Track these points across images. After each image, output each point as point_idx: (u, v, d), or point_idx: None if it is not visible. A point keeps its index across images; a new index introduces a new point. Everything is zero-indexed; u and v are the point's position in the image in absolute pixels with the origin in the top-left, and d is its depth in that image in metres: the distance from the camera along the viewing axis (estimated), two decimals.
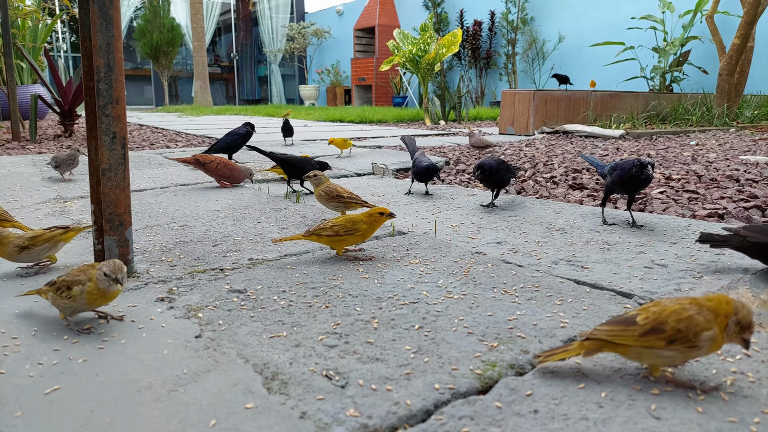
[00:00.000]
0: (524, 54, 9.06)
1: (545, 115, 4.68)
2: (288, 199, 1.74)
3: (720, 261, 1.04)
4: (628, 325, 0.61)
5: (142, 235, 1.29)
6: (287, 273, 1.01)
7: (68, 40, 13.64)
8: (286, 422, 0.55)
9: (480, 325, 0.78)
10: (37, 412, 0.57)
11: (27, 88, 5.65)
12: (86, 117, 1.03)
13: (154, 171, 2.36)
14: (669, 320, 0.60)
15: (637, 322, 0.61)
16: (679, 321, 0.59)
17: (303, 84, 13.87)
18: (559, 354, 0.63)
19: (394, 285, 0.94)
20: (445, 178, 2.27)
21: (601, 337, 0.61)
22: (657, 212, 1.60)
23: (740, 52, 4.92)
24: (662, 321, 0.60)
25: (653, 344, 0.60)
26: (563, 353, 0.63)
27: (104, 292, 0.76)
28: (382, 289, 0.93)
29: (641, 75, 6.74)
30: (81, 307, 0.77)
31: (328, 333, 0.76)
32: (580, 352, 0.63)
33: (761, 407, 0.57)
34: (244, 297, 0.89)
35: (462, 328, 0.77)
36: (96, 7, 0.90)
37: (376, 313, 0.82)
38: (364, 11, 11.63)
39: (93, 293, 0.76)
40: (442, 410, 0.57)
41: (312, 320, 0.80)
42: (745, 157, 2.76)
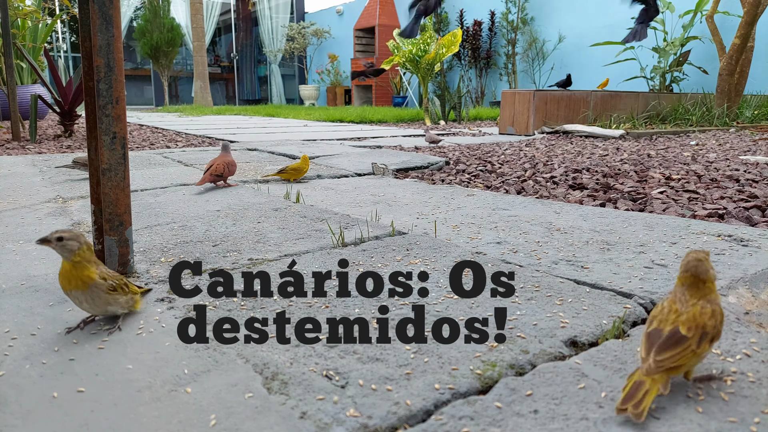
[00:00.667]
0: (524, 54, 9.06)
1: (545, 115, 4.68)
2: (288, 199, 1.74)
3: (720, 261, 1.04)
4: (681, 343, 0.58)
5: (142, 235, 1.29)
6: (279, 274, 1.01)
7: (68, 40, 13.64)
8: (286, 422, 0.55)
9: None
10: (37, 412, 0.57)
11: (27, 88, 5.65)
12: (86, 117, 1.03)
13: (154, 171, 2.36)
14: (707, 323, 0.59)
15: (686, 336, 0.59)
16: (713, 318, 0.60)
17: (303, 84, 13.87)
18: (642, 399, 0.56)
19: (394, 285, 0.94)
20: (445, 178, 2.27)
21: (669, 366, 0.57)
22: (657, 212, 1.60)
23: (740, 52, 4.92)
24: (703, 325, 0.59)
25: (705, 350, 0.59)
26: (645, 397, 0.56)
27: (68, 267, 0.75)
28: (382, 288, 0.93)
29: (641, 75, 6.74)
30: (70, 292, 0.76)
31: (328, 333, 0.76)
32: (660, 391, 0.57)
33: (761, 407, 0.57)
34: (244, 297, 0.89)
35: (462, 327, 0.77)
36: (96, 7, 0.90)
37: (377, 313, 0.82)
38: (364, 11, 11.63)
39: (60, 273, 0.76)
40: (442, 410, 0.57)
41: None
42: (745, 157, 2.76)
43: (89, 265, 0.76)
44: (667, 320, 0.61)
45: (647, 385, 0.56)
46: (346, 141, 4.02)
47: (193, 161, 2.71)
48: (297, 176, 2.11)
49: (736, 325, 0.76)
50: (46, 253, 1.14)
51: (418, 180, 2.23)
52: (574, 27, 8.42)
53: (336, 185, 2.04)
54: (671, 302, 0.62)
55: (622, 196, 1.83)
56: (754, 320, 0.78)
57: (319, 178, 2.23)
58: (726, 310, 0.81)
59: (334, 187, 1.99)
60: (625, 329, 0.78)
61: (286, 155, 2.96)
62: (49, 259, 1.10)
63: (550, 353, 0.70)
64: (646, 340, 0.60)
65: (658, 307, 0.63)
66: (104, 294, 0.76)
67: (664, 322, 0.61)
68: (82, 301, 0.76)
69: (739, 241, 1.17)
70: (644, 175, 2.26)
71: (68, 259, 0.75)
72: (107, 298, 0.76)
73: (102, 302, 0.76)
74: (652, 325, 0.61)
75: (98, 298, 0.76)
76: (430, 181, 2.23)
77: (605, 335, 0.75)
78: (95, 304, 0.76)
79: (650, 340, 0.59)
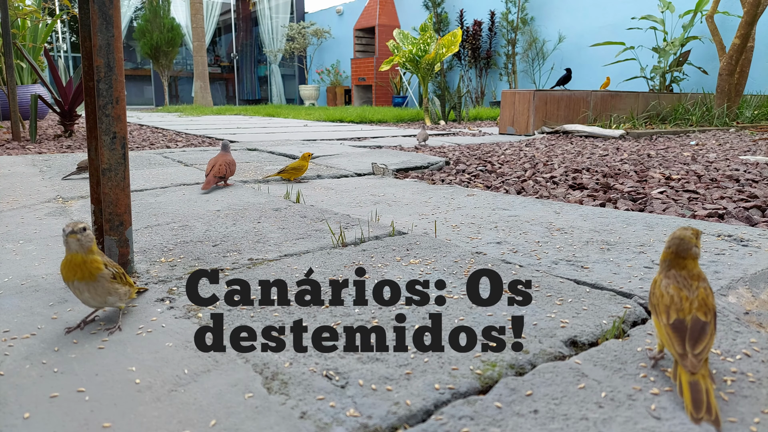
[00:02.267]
0: (524, 54, 9.06)
1: (545, 115, 4.68)
2: (288, 199, 1.74)
3: (720, 261, 1.04)
4: (705, 330, 0.60)
5: (142, 235, 1.29)
6: (287, 273, 1.01)
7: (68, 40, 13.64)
8: (286, 422, 0.55)
9: (480, 324, 0.78)
10: (37, 412, 0.57)
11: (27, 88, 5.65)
12: (86, 117, 1.03)
13: (154, 171, 2.36)
14: (713, 303, 0.62)
15: (707, 322, 0.60)
16: (712, 295, 0.63)
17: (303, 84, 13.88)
18: (709, 402, 0.55)
19: (394, 284, 0.94)
20: (445, 178, 2.27)
21: (706, 357, 0.59)
22: (657, 212, 1.60)
23: (740, 52, 4.92)
24: (712, 306, 0.62)
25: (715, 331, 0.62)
26: (710, 399, 0.55)
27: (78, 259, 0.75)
28: (382, 288, 0.93)
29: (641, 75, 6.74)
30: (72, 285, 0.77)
31: (328, 333, 0.76)
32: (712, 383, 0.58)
33: (761, 407, 0.57)
34: (245, 297, 0.89)
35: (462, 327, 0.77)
36: (96, 7, 0.90)
37: (376, 313, 0.82)
38: (364, 11, 11.63)
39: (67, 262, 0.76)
40: (442, 410, 0.57)
41: (312, 320, 0.80)
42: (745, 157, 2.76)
43: (97, 257, 0.77)
44: (683, 308, 0.62)
45: (702, 383, 0.56)
46: (346, 141, 4.02)
47: (193, 161, 2.71)
48: (297, 175, 2.11)
49: (736, 325, 0.76)
50: (46, 253, 1.14)
51: (418, 180, 2.23)
52: (574, 27, 8.42)
53: (336, 185, 2.04)
54: (676, 288, 0.63)
55: (622, 196, 1.83)
56: (754, 320, 0.78)
57: (319, 178, 2.23)
58: (726, 310, 0.81)
59: (334, 187, 1.99)
60: (625, 329, 0.78)
61: (286, 155, 2.96)
62: (49, 258, 1.10)
63: (550, 353, 0.70)
64: (674, 332, 0.60)
65: (658, 294, 0.65)
66: (107, 283, 0.77)
67: (681, 311, 0.62)
68: (83, 291, 0.76)
69: (739, 241, 1.17)
70: (644, 175, 2.26)
71: (83, 252, 0.75)
72: (109, 287, 0.77)
73: (104, 292, 0.77)
74: (672, 316, 0.62)
75: (101, 287, 0.77)
76: (430, 181, 2.23)
77: (605, 335, 0.75)
78: (97, 293, 0.77)
79: (679, 333, 0.60)
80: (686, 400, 0.56)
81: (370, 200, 1.74)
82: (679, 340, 0.59)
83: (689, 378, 0.57)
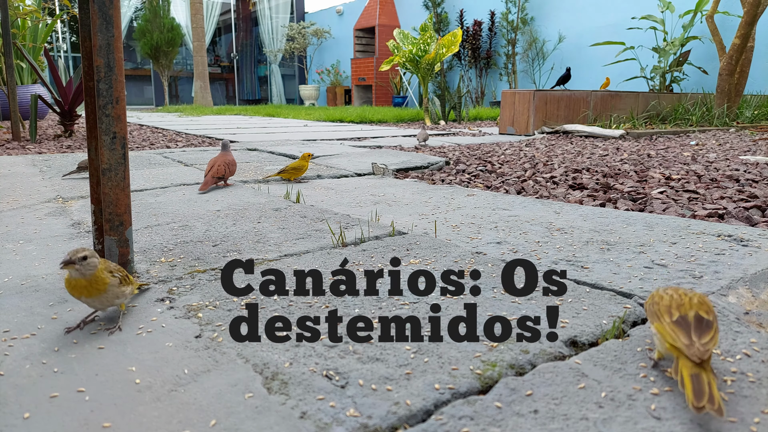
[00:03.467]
0: (524, 54, 9.07)
1: (545, 115, 4.68)
2: (288, 199, 1.74)
3: (720, 261, 1.04)
4: (710, 326, 0.60)
5: (142, 235, 1.29)
6: (287, 273, 1.01)
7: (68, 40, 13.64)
8: (286, 422, 0.55)
9: (480, 324, 0.78)
10: (37, 412, 0.57)
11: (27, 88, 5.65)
12: (86, 117, 1.03)
13: (154, 171, 2.36)
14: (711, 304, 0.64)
15: (711, 321, 0.61)
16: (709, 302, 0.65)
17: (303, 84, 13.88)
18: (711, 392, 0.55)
19: (394, 284, 0.94)
20: (445, 178, 2.27)
21: (712, 349, 0.59)
22: (657, 212, 1.60)
23: (740, 52, 4.92)
24: (712, 307, 0.64)
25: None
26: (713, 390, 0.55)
27: (74, 280, 0.76)
28: (382, 288, 0.93)
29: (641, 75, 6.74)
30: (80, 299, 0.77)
31: (328, 333, 0.76)
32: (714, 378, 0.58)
33: (761, 407, 0.57)
34: (245, 297, 0.89)
35: (462, 327, 0.77)
36: (96, 7, 0.90)
37: (377, 313, 0.82)
38: (364, 11, 11.63)
39: (69, 282, 0.77)
40: (442, 410, 0.57)
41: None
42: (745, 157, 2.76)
43: (101, 273, 0.77)
44: (683, 304, 0.62)
45: (704, 376, 0.56)
46: (346, 141, 4.02)
47: (193, 161, 2.72)
48: (297, 175, 2.11)
49: (736, 325, 0.76)
50: (46, 253, 1.14)
51: (418, 180, 2.23)
52: (574, 27, 8.42)
53: (336, 185, 2.04)
54: (674, 290, 0.65)
55: (622, 196, 1.83)
56: (754, 320, 0.78)
57: (319, 178, 2.23)
58: (726, 310, 0.81)
59: (334, 187, 1.99)
60: (625, 329, 0.78)
61: (286, 155, 2.96)
62: (49, 259, 1.10)
63: (550, 353, 0.70)
64: (678, 327, 0.61)
65: (656, 298, 0.66)
66: (116, 289, 0.78)
67: (682, 306, 0.62)
68: (92, 303, 0.77)
69: (739, 241, 1.17)
70: (644, 175, 2.26)
71: (87, 277, 0.76)
72: (117, 292, 0.78)
73: (112, 297, 0.78)
74: (674, 314, 0.62)
75: (111, 294, 0.78)
76: (430, 181, 2.23)
77: (605, 335, 0.75)
78: (107, 299, 0.78)
79: (683, 327, 0.60)
80: (687, 391, 0.55)
81: (370, 200, 1.74)
82: (685, 332, 0.60)
83: (691, 371, 0.57)
